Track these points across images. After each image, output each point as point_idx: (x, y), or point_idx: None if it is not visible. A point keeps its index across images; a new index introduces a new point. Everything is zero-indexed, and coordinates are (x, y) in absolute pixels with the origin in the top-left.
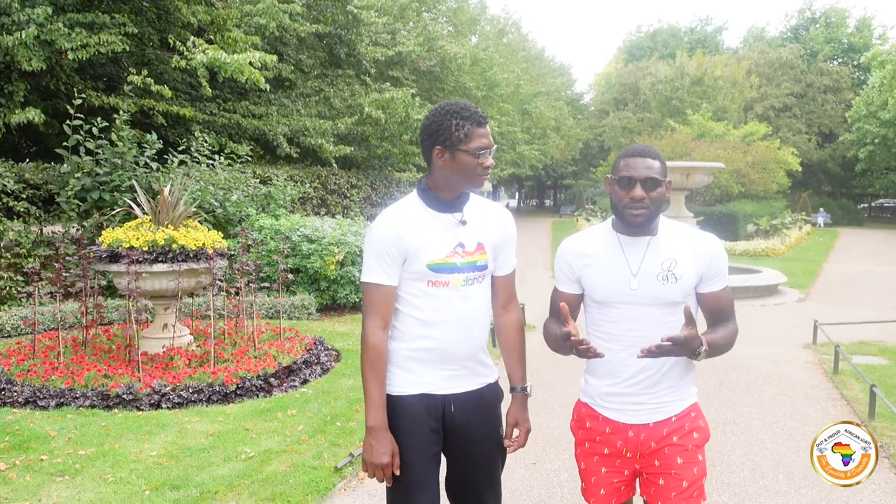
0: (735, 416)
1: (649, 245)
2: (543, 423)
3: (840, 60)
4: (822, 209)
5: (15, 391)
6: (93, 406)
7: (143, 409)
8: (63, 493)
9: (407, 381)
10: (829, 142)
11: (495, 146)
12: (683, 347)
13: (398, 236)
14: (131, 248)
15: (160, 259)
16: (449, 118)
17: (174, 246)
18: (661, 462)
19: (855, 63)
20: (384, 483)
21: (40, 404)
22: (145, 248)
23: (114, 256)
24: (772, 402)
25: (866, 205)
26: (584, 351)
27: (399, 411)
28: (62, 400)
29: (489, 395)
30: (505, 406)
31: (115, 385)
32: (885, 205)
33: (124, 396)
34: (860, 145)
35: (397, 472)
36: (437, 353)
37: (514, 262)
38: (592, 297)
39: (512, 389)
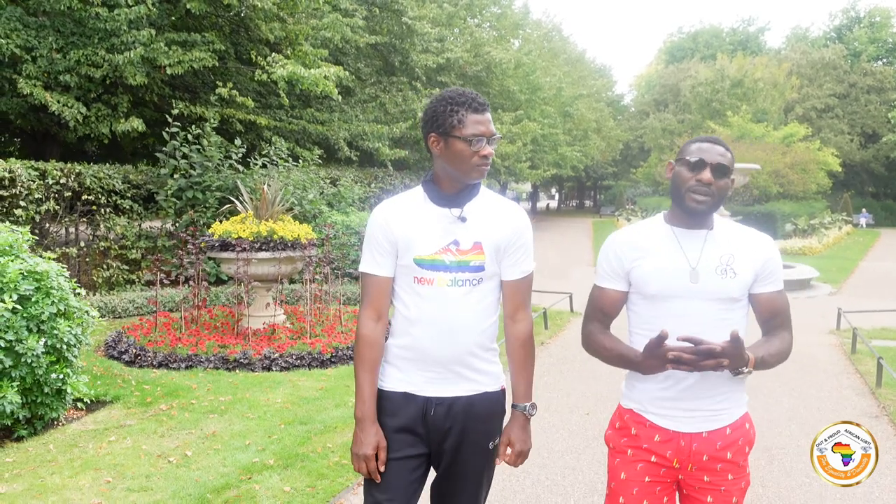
0: (759, 384)
1: (707, 239)
2: (593, 387)
3: (884, 60)
4: (864, 210)
5: (149, 356)
6: (216, 368)
7: (256, 371)
8: (217, 425)
9: (392, 377)
10: (873, 142)
11: (498, 135)
12: (731, 359)
13: (387, 225)
14: (239, 238)
15: (263, 248)
16: (444, 104)
17: (275, 237)
18: (712, 479)
19: None
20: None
21: (172, 366)
22: (251, 239)
23: (224, 245)
24: (793, 374)
25: None
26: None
27: (380, 406)
28: (190, 363)
29: (481, 404)
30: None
31: (232, 352)
32: None
33: (241, 361)
34: None
35: (382, 468)
36: (417, 352)
37: (525, 269)
38: (644, 293)
39: (512, 406)
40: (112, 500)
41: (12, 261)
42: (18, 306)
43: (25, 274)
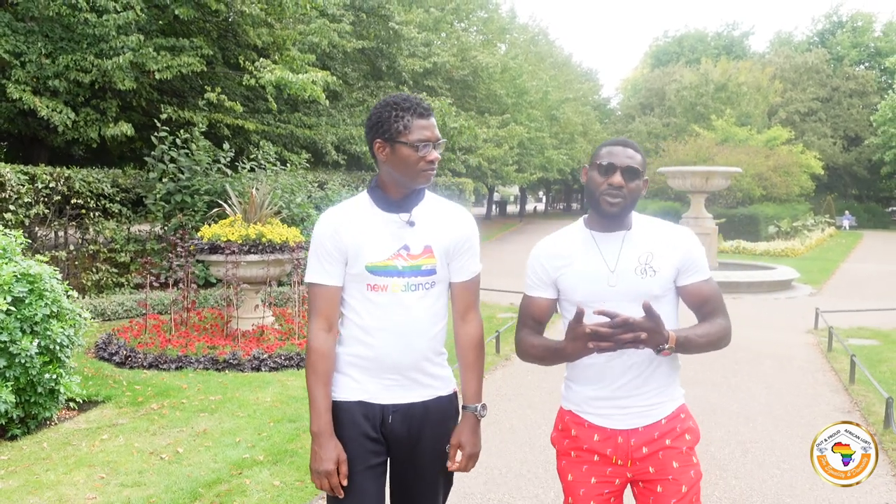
0: (738, 382)
1: (624, 240)
2: None
3: (866, 64)
4: (847, 212)
5: (139, 357)
6: (206, 368)
7: (245, 372)
8: (207, 423)
9: (345, 386)
10: (855, 145)
11: (443, 140)
12: (648, 332)
13: (336, 234)
14: (228, 241)
15: (252, 251)
16: (389, 110)
17: (263, 240)
18: (657, 468)
19: (881, 67)
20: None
21: (162, 367)
22: (240, 242)
23: (213, 248)
24: (770, 371)
25: (895, 208)
26: (588, 337)
27: (336, 417)
28: (180, 364)
29: (436, 409)
30: None
31: (222, 353)
32: None
33: (231, 361)
34: (886, 148)
35: (345, 482)
36: (374, 361)
37: (474, 269)
38: (571, 299)
39: (462, 408)
40: (106, 496)
41: (6, 263)
42: (12, 308)
43: (19, 276)
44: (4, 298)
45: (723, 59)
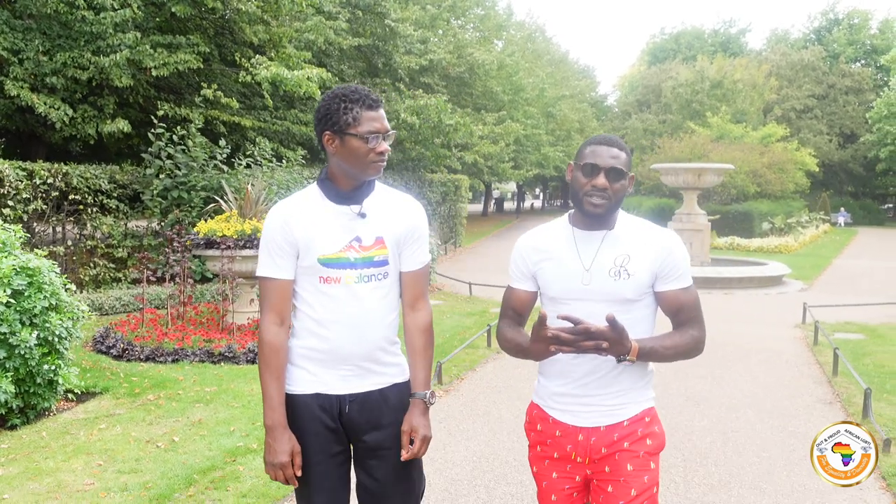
0: (724, 374)
1: (604, 240)
2: None
3: (862, 62)
4: (842, 209)
5: (136, 350)
6: (202, 361)
7: (240, 364)
8: (203, 413)
9: (301, 379)
10: (851, 142)
11: (393, 132)
12: (610, 342)
13: (286, 227)
14: (224, 236)
15: (247, 246)
16: (337, 102)
17: (258, 235)
18: (612, 468)
19: (877, 64)
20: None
21: (159, 360)
22: (236, 237)
23: (209, 243)
24: (757, 365)
25: (890, 205)
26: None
27: (293, 411)
28: (176, 357)
29: (394, 396)
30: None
31: (217, 346)
32: None
33: (226, 354)
34: (881, 146)
35: (298, 473)
36: (328, 353)
37: (423, 259)
38: (547, 294)
39: (411, 395)
40: (104, 482)
41: (6, 257)
42: (12, 300)
43: (18, 269)
44: (4, 291)
45: (719, 56)
